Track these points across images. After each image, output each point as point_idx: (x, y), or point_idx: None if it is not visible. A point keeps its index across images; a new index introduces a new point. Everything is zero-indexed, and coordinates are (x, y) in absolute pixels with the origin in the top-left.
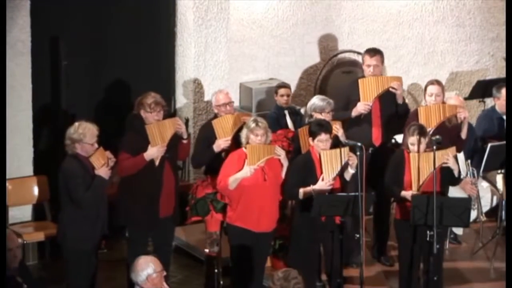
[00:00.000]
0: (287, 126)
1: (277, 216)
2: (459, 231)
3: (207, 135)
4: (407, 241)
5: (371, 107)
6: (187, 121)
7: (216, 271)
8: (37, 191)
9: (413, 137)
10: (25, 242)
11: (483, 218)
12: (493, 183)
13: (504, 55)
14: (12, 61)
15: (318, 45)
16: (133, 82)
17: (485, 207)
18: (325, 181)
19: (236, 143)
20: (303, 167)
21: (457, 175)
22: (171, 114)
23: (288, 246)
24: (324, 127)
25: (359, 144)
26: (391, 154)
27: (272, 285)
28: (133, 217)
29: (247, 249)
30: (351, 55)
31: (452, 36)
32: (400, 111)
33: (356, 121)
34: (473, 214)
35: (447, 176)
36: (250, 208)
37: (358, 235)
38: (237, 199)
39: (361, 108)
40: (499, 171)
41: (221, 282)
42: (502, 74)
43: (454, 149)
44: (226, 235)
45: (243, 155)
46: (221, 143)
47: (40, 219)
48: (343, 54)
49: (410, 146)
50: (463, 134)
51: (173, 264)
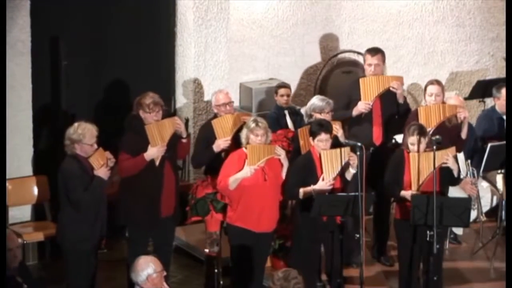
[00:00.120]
0: (287, 126)
1: (277, 216)
2: (459, 231)
3: (206, 135)
4: (407, 241)
5: (371, 106)
6: (187, 121)
7: (216, 271)
8: (37, 191)
9: (413, 137)
10: (25, 242)
11: (483, 218)
12: (493, 183)
13: (504, 55)
14: (12, 61)
15: (318, 45)
16: (133, 82)
17: (485, 207)
18: (325, 181)
19: (236, 143)
20: (304, 167)
21: (456, 175)
22: (171, 114)
23: (288, 246)
24: (325, 127)
25: (359, 144)
26: (391, 154)
27: (272, 285)
28: (133, 217)
29: (247, 249)
30: (351, 55)
31: (452, 36)
32: (401, 111)
33: (357, 120)
34: (473, 214)
35: (446, 176)
36: (251, 208)
37: (358, 235)
38: (237, 199)
39: (361, 107)
40: (499, 171)
41: (221, 282)
42: (502, 74)
43: (454, 149)
44: (226, 235)
45: (243, 155)
46: (220, 143)
47: (40, 219)
48: (343, 54)
49: (410, 146)
50: (463, 134)
51: (173, 264)
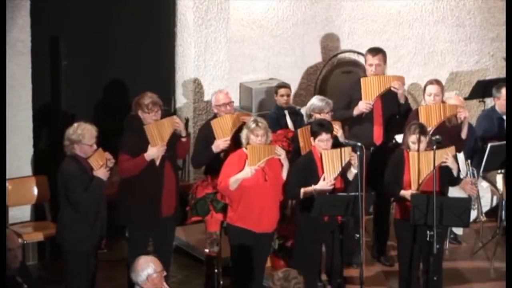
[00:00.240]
0: (287, 126)
1: (277, 217)
2: (459, 231)
3: (206, 135)
4: (406, 241)
5: (372, 106)
6: (187, 121)
7: (216, 271)
8: (37, 191)
9: (413, 135)
10: (25, 242)
11: (483, 218)
12: (493, 183)
13: (504, 55)
14: (12, 61)
15: (318, 45)
16: (133, 82)
17: (485, 207)
18: (326, 181)
19: (235, 144)
20: (305, 167)
21: (456, 174)
22: (171, 114)
23: (288, 246)
24: (325, 127)
25: (359, 144)
26: (391, 154)
27: (272, 285)
28: (133, 217)
29: (248, 250)
30: (351, 55)
31: (452, 36)
32: (402, 111)
33: (358, 120)
34: (473, 214)
35: (446, 176)
36: (251, 209)
37: (358, 235)
38: (237, 200)
39: (362, 107)
40: (499, 171)
41: (221, 282)
42: (502, 74)
43: (453, 149)
44: (226, 235)
45: (243, 156)
46: (219, 144)
47: (40, 219)
48: (343, 54)
49: (410, 144)
50: (463, 134)
51: (173, 264)
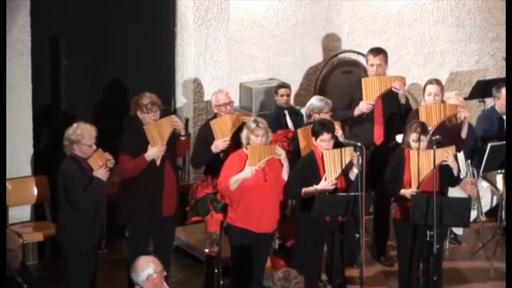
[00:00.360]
0: (287, 126)
1: (278, 217)
2: (459, 231)
3: (205, 136)
4: (406, 241)
5: (373, 106)
6: (187, 121)
7: (216, 271)
8: (37, 191)
9: (414, 133)
10: (25, 242)
11: (483, 218)
12: (493, 183)
13: (504, 55)
14: (12, 61)
15: (318, 45)
16: (133, 82)
17: (485, 207)
18: (327, 181)
19: (235, 144)
20: (306, 167)
21: (456, 174)
22: (170, 113)
23: (288, 246)
24: (327, 126)
25: (359, 144)
26: (391, 153)
27: (273, 285)
28: (134, 217)
29: (248, 250)
30: (351, 55)
31: (452, 36)
32: (402, 111)
33: (358, 120)
34: (473, 214)
35: (446, 175)
36: (251, 209)
37: (358, 235)
38: (238, 200)
39: (363, 107)
40: (499, 171)
41: (221, 282)
42: (502, 74)
43: (454, 148)
44: (226, 235)
45: (243, 156)
46: (219, 144)
47: (40, 219)
48: (343, 54)
49: (411, 142)
50: (463, 134)
51: (173, 264)
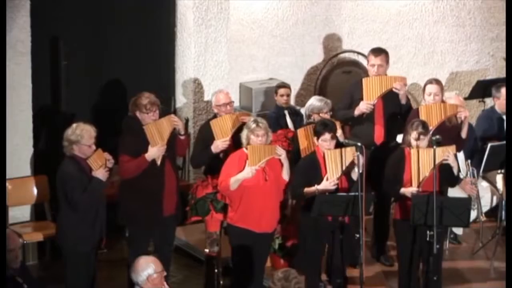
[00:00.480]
0: (287, 126)
1: (278, 217)
2: (459, 231)
3: (205, 136)
4: (406, 241)
5: (373, 106)
6: (187, 121)
7: (216, 271)
8: (36, 191)
9: (415, 131)
10: (25, 242)
11: (483, 218)
12: (493, 183)
13: (504, 55)
14: (12, 61)
15: (318, 45)
16: (133, 82)
17: (485, 207)
18: (329, 180)
19: (235, 144)
20: (309, 167)
21: (456, 173)
22: (169, 113)
23: (288, 246)
24: (329, 126)
25: (359, 144)
26: (391, 153)
27: (272, 285)
28: (135, 217)
29: (248, 250)
30: (351, 55)
31: (452, 36)
32: (403, 111)
33: (359, 120)
34: (473, 214)
35: (446, 174)
36: (251, 209)
37: (358, 235)
38: (238, 200)
39: (363, 107)
40: (499, 171)
41: (221, 282)
42: (502, 74)
43: (454, 147)
44: (226, 235)
45: (243, 156)
46: (219, 144)
47: (40, 219)
48: (343, 54)
49: (412, 141)
50: (463, 134)
51: (173, 264)
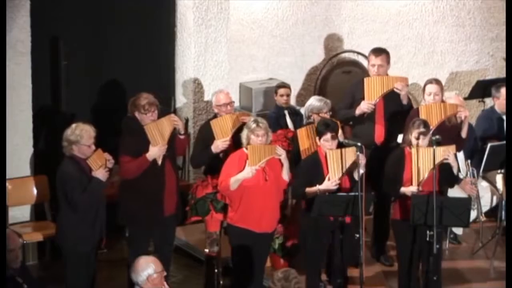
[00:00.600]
0: (287, 126)
1: (278, 217)
2: (459, 231)
3: (205, 136)
4: (406, 241)
5: (374, 106)
6: (187, 121)
7: (216, 271)
8: (36, 191)
9: (416, 130)
10: (25, 242)
11: (483, 218)
12: (493, 183)
13: (504, 55)
14: (12, 61)
15: (318, 45)
16: (133, 82)
17: (485, 207)
18: (331, 180)
19: (235, 144)
20: (311, 167)
21: (456, 172)
22: (169, 113)
23: (288, 246)
24: (330, 126)
25: (359, 144)
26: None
27: (272, 285)
28: (135, 217)
29: (248, 250)
30: (351, 55)
31: (452, 36)
32: (404, 111)
33: (360, 120)
34: (473, 214)
35: (446, 174)
36: (251, 209)
37: (358, 235)
38: (238, 200)
39: (364, 107)
40: (499, 171)
41: (221, 282)
42: (502, 74)
43: (454, 147)
44: (226, 235)
45: (244, 156)
46: (219, 144)
47: (40, 219)
48: (343, 54)
49: (413, 139)
50: (463, 134)
51: (173, 264)
